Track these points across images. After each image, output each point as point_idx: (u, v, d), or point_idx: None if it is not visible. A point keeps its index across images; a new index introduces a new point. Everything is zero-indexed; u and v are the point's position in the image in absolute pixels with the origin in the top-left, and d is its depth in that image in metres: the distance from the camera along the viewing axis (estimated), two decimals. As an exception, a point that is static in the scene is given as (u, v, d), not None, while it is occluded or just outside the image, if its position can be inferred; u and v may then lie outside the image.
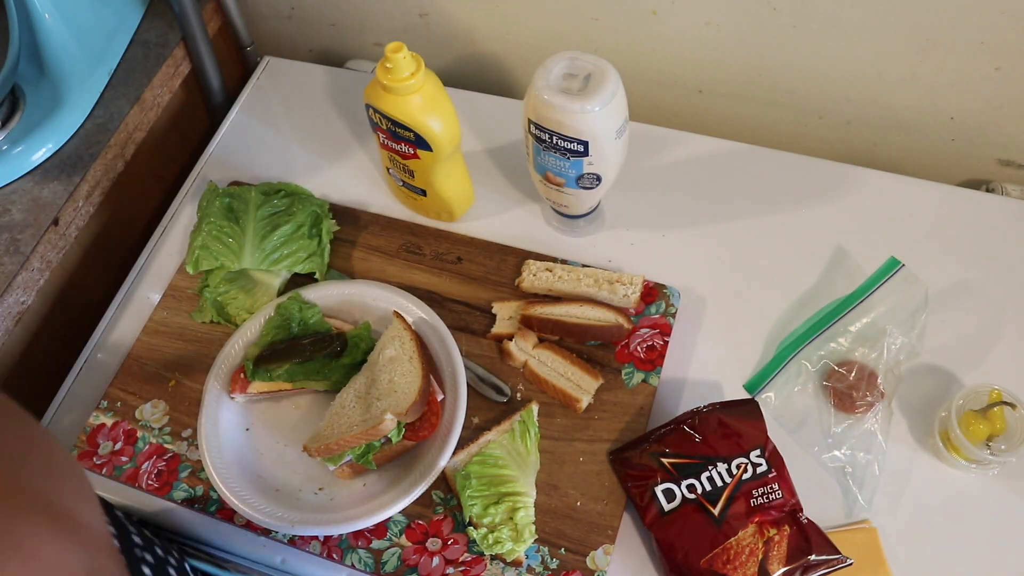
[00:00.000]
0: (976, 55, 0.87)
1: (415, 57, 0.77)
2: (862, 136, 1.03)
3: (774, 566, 0.69)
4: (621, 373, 0.82)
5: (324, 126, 1.05)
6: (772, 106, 1.03)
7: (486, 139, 1.01)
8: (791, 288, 0.88)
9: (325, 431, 0.75)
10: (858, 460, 0.77)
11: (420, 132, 0.80)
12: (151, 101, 1.01)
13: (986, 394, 0.76)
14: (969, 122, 0.96)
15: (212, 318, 0.87)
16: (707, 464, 0.73)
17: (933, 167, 1.03)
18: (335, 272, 0.91)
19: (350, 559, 0.74)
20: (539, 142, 0.79)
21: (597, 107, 0.73)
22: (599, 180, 0.81)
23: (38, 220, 0.88)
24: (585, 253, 0.91)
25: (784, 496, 0.72)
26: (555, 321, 0.82)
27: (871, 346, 0.81)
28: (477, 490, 0.73)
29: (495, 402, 0.81)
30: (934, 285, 0.84)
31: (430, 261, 0.90)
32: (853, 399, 0.79)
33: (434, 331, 0.82)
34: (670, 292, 0.85)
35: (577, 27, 1.01)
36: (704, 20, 0.94)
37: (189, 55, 1.06)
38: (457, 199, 0.91)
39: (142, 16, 1.05)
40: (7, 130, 0.91)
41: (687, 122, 1.09)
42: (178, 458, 0.80)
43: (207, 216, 0.89)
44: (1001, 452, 0.74)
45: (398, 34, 1.12)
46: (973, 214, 0.91)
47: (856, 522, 0.75)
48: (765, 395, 0.81)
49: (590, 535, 0.74)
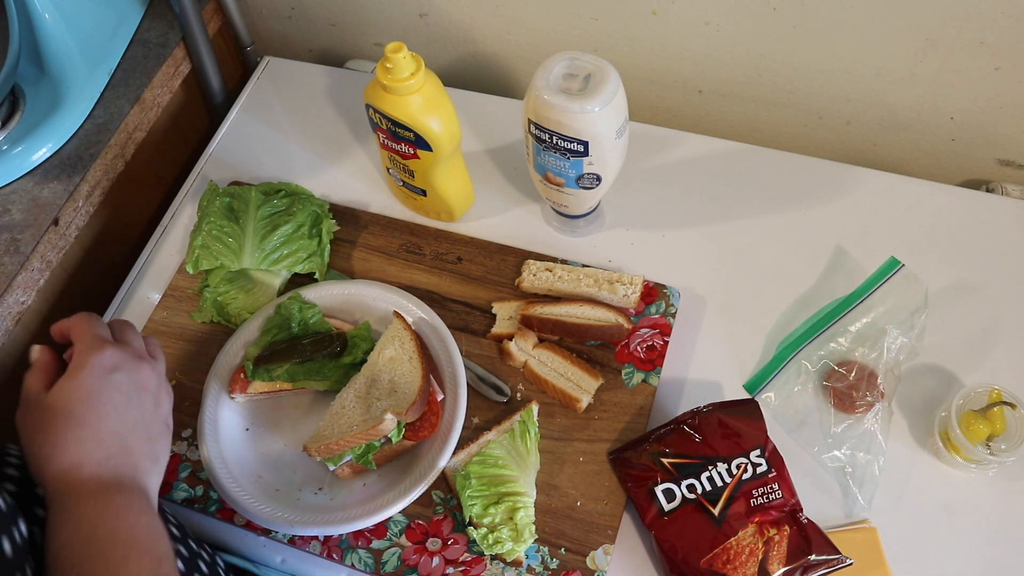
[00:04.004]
0: (976, 55, 0.88)
1: (415, 57, 0.77)
2: (862, 136, 1.03)
3: (774, 566, 0.69)
4: (621, 373, 0.82)
5: (324, 126, 1.05)
6: (772, 106, 1.03)
7: (486, 139, 1.01)
8: (791, 288, 0.88)
9: (325, 431, 0.75)
10: (858, 460, 0.77)
11: (420, 132, 0.80)
12: (151, 101, 1.01)
13: (986, 394, 0.76)
14: (969, 122, 0.96)
15: (212, 318, 0.87)
16: (707, 464, 0.73)
17: (933, 167, 1.03)
18: (335, 272, 0.91)
19: (350, 559, 0.74)
20: (539, 142, 0.79)
21: (597, 107, 0.73)
22: (599, 180, 0.81)
23: (38, 220, 0.88)
24: (585, 253, 0.91)
25: (784, 496, 0.72)
26: (555, 321, 0.82)
27: (871, 346, 0.81)
28: (477, 490, 0.73)
29: (495, 402, 0.81)
30: (934, 285, 0.84)
31: (430, 261, 0.90)
32: (853, 399, 0.79)
33: (434, 331, 0.82)
34: (670, 292, 0.85)
35: (577, 27, 1.01)
36: (704, 20, 0.94)
37: (189, 55, 1.06)
38: (457, 199, 0.91)
39: (142, 16, 1.05)
40: (7, 130, 0.92)
41: (687, 122, 1.09)
42: (178, 458, 0.80)
43: (207, 216, 0.89)
44: (1001, 452, 0.74)
45: (398, 34, 1.12)
46: (973, 214, 0.91)
47: (856, 522, 0.75)
48: (765, 395, 0.81)
49: (590, 535, 0.74)
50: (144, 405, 0.61)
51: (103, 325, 0.62)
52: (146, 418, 0.60)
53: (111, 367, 0.59)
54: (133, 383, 0.60)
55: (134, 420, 0.59)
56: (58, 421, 0.56)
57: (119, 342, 0.62)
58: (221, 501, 0.77)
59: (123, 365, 0.60)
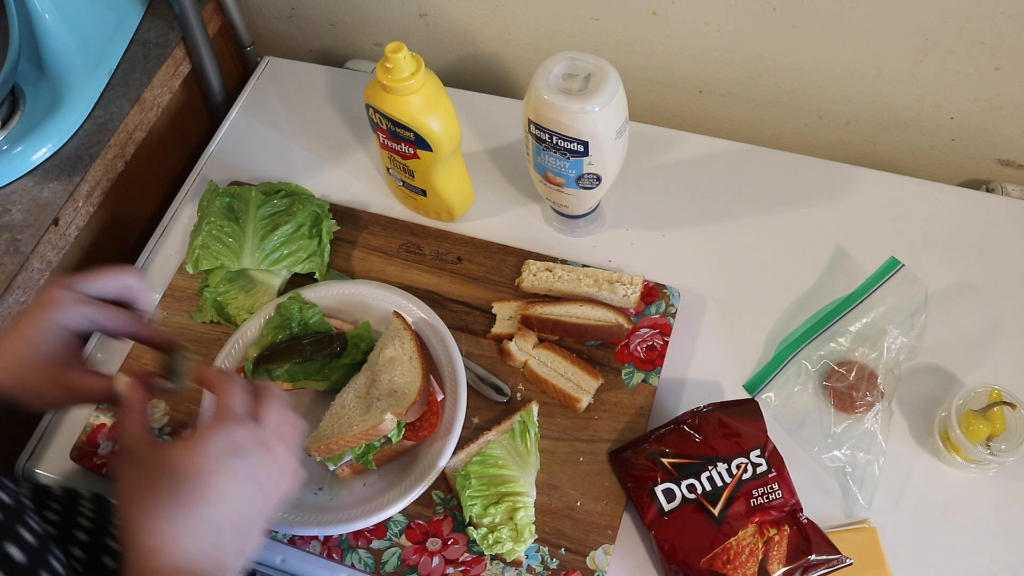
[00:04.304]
0: (976, 55, 0.87)
1: (415, 57, 0.77)
2: (862, 136, 1.03)
3: (774, 566, 0.69)
4: (621, 373, 0.82)
5: (324, 126, 1.05)
6: (772, 106, 1.03)
7: (486, 139, 1.01)
8: (791, 288, 0.88)
9: (325, 431, 0.75)
10: (858, 460, 0.77)
11: (420, 132, 0.80)
12: (151, 101, 1.01)
13: (986, 394, 0.76)
14: (969, 122, 0.96)
15: (212, 318, 0.87)
16: (707, 464, 0.73)
17: (933, 167, 1.03)
18: (335, 272, 0.91)
19: (350, 559, 0.74)
20: (539, 142, 0.79)
21: (597, 107, 0.73)
22: (599, 180, 0.81)
23: (38, 220, 0.88)
24: (585, 253, 0.91)
25: (784, 496, 0.72)
26: (555, 321, 0.82)
27: (871, 346, 0.81)
28: (477, 490, 0.73)
29: (495, 402, 0.81)
30: (934, 285, 0.84)
31: (430, 261, 0.90)
32: (853, 399, 0.79)
33: (434, 331, 0.82)
34: (670, 292, 0.85)
35: (577, 27, 1.01)
36: (704, 20, 0.94)
37: (189, 55, 1.06)
38: (457, 199, 0.91)
39: (142, 16, 1.05)
40: (7, 130, 0.92)
41: (687, 122, 1.09)
42: (178, 458, 0.80)
43: (207, 216, 0.89)
44: (1001, 452, 0.74)
45: (398, 34, 1.12)
46: (973, 214, 0.91)
47: (856, 522, 0.75)
48: (765, 395, 0.81)
49: (590, 535, 0.74)
50: (253, 502, 0.55)
51: (247, 392, 0.58)
52: (250, 515, 0.55)
53: (234, 450, 0.54)
54: (250, 475, 0.54)
55: (237, 515, 0.54)
56: (160, 489, 0.52)
57: (258, 416, 0.56)
58: (221, 501, 0.77)
59: (248, 452, 0.54)
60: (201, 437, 0.53)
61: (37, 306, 0.61)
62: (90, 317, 0.62)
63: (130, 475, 0.53)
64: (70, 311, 0.61)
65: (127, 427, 0.56)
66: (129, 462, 0.54)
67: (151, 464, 0.53)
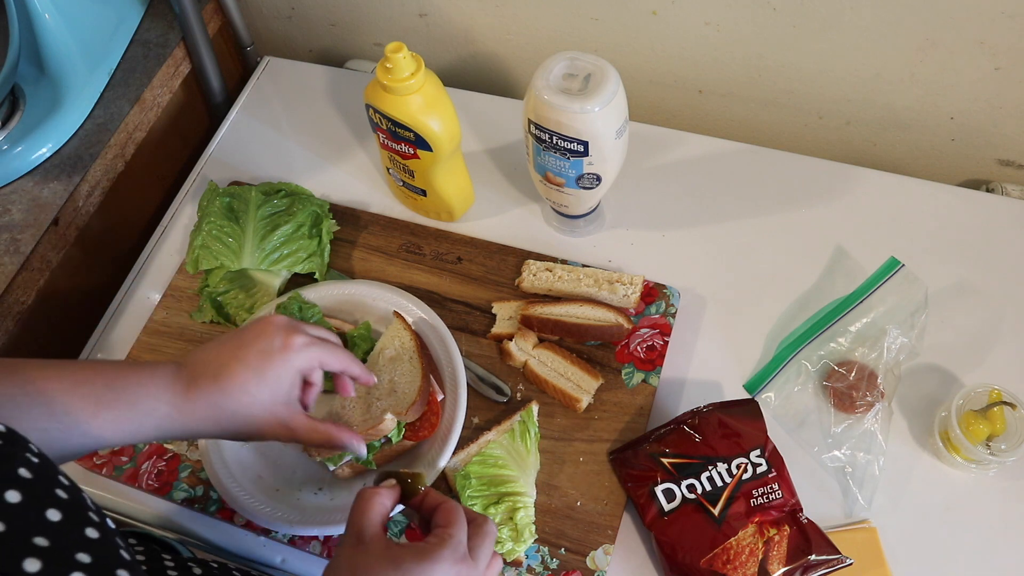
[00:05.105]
0: (976, 55, 0.87)
1: (415, 57, 0.77)
2: (862, 136, 1.03)
3: (774, 566, 0.69)
4: (621, 373, 0.82)
5: (324, 126, 1.05)
6: (772, 106, 1.03)
7: (486, 139, 1.01)
8: (791, 288, 0.88)
9: (325, 431, 0.75)
10: (858, 460, 0.77)
11: (420, 132, 0.80)
12: (151, 101, 1.01)
13: (986, 394, 0.76)
14: (969, 122, 0.96)
15: (212, 318, 0.87)
16: (707, 464, 0.73)
17: (933, 167, 1.03)
18: (335, 272, 0.91)
19: (350, 559, 0.74)
20: (539, 142, 0.79)
21: (597, 107, 0.73)
22: (599, 180, 0.81)
23: (38, 220, 0.88)
24: (585, 253, 0.91)
25: (784, 496, 0.72)
26: (555, 321, 0.82)
27: (871, 346, 0.81)
28: (477, 490, 0.74)
29: (495, 402, 0.81)
30: (934, 285, 0.84)
31: (430, 261, 0.90)
32: (853, 399, 0.79)
33: (434, 331, 0.82)
34: (670, 292, 0.85)
35: (577, 27, 1.01)
36: (704, 20, 0.94)
37: (189, 55, 1.06)
38: (457, 199, 0.91)
39: (142, 16, 1.05)
40: (7, 130, 0.92)
41: (687, 122, 1.09)
42: (178, 458, 0.80)
43: (207, 216, 0.89)
44: (1001, 452, 0.74)
45: (398, 34, 1.12)
46: (973, 214, 0.91)
47: (856, 522, 0.75)
48: (765, 395, 0.81)
49: (590, 535, 0.74)
50: None
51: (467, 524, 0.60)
52: None
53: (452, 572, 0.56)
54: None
55: None
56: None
57: (472, 552, 0.58)
58: (221, 501, 0.77)
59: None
60: (432, 556, 0.55)
61: (275, 351, 0.63)
62: (319, 359, 0.65)
63: (355, 559, 0.55)
64: (304, 354, 0.64)
65: (369, 514, 0.58)
66: (358, 545, 0.56)
67: (380, 557, 0.55)
